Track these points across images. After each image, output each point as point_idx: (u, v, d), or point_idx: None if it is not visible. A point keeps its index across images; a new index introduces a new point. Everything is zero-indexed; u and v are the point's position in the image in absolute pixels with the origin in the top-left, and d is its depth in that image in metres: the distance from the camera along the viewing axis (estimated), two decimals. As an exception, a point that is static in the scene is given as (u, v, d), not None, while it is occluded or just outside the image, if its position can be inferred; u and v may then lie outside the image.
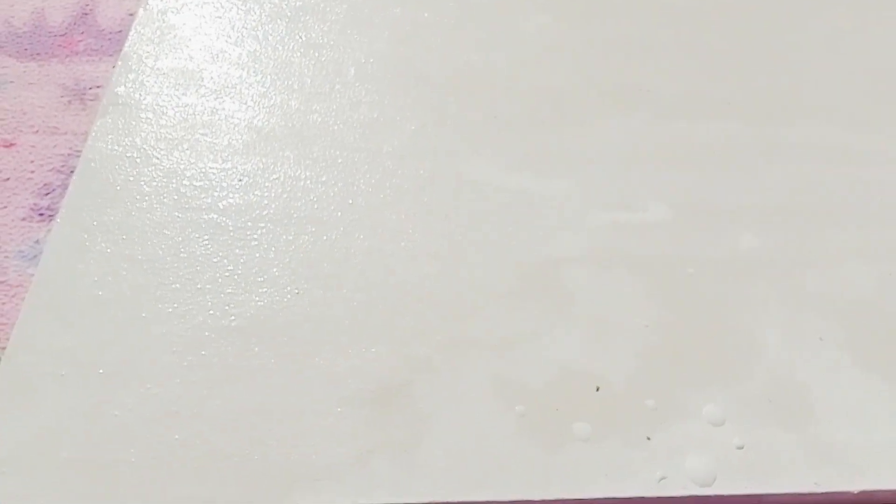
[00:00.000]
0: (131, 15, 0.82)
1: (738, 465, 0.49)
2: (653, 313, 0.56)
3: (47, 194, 0.68)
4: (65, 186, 0.68)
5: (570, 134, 0.69)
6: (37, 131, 0.73)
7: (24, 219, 0.66)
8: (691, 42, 0.77)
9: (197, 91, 0.71)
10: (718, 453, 0.50)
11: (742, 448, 0.50)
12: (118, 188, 0.64)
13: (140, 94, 0.71)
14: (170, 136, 0.68)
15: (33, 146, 0.72)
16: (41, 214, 0.67)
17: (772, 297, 0.57)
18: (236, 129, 0.69)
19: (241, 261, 0.60)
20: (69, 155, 0.71)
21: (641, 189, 0.64)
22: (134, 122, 0.69)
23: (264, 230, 0.62)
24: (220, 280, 0.59)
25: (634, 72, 0.75)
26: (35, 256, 0.64)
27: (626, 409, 0.51)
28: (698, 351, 0.54)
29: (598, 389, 0.52)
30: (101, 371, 0.54)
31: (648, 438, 0.50)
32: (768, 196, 0.64)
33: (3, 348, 0.57)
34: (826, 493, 0.48)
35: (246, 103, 0.71)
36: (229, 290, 0.58)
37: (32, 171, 0.70)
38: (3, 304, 0.61)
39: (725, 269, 0.59)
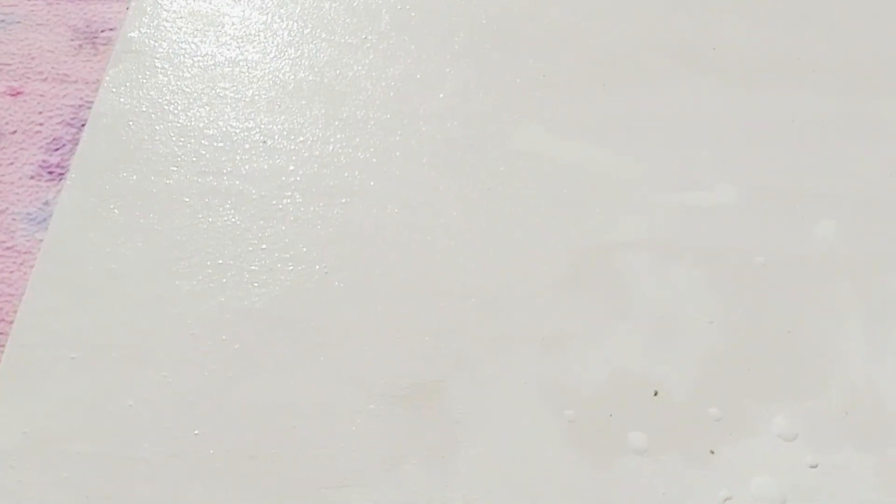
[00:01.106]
0: (146, -52, 0.75)
1: (810, 486, 0.45)
2: (718, 309, 0.51)
3: (56, 150, 0.63)
4: (75, 142, 0.63)
5: (631, 99, 0.62)
6: (45, 79, 0.67)
7: (32, 177, 0.62)
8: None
9: (217, 38, 0.65)
10: (789, 472, 0.45)
11: (815, 467, 0.45)
12: (132, 147, 0.59)
13: (155, 41, 0.65)
14: (188, 89, 0.62)
15: (42, 95, 0.66)
16: (50, 173, 0.62)
17: (852, 295, 0.52)
18: (260, 82, 0.63)
19: (266, 234, 0.55)
20: (80, 106, 0.65)
21: (709, 166, 0.58)
22: (149, 73, 0.63)
23: (290, 200, 0.56)
24: (242, 255, 0.54)
25: (707, 28, 0.67)
26: (44, 220, 0.59)
27: (687, 419, 0.47)
28: (768, 354, 0.49)
29: (656, 394, 0.47)
30: (113, 355, 0.50)
31: (712, 452, 0.46)
32: (853, 178, 0.57)
33: (11, 322, 0.54)
34: (908, 524, 0.44)
35: (270, 53, 0.64)
36: (253, 268, 0.53)
37: (41, 124, 0.64)
38: (11, 272, 0.57)
39: (800, 260, 0.53)
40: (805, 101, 0.61)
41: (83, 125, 0.63)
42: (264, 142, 0.59)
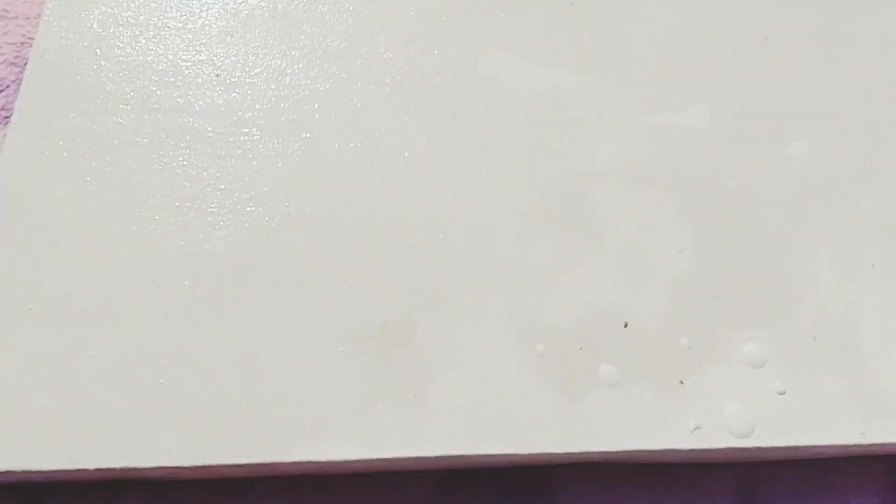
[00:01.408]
0: None
1: (778, 412, 0.45)
2: (687, 236, 0.50)
3: (0, 91, 0.60)
4: (19, 82, 0.60)
5: (600, 20, 0.59)
6: (-18, 13, 0.63)
7: (-25, 120, 0.59)
8: None
9: (162, -36, 0.61)
10: (758, 400, 0.45)
11: (784, 394, 0.45)
12: (77, 85, 0.56)
13: (96, -31, 0.61)
14: (133, 21, 0.59)
15: (-21, 32, 0.62)
16: (-5, 115, 0.59)
17: (824, 217, 0.51)
18: (209, 10, 0.59)
19: (224, 174, 0.53)
20: (22, 44, 0.61)
21: (680, 87, 0.56)
22: (91, 3, 0.59)
23: (248, 137, 0.54)
24: (200, 197, 0.52)
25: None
26: (-8, 165, 0.57)
27: (656, 349, 0.46)
28: (737, 281, 0.49)
29: (626, 326, 0.47)
30: (73, 305, 0.48)
31: (681, 382, 0.45)
32: (825, 98, 0.56)
33: (-35, 275, 0.52)
34: (874, 445, 0.44)
35: (220, -21, 0.60)
36: (212, 209, 0.52)
37: (-20, 63, 0.61)
38: (-39, 222, 0.55)
39: (771, 183, 0.52)
40: (777, 18, 0.59)
41: (26, 64, 0.60)
42: (217, 75, 0.56)
